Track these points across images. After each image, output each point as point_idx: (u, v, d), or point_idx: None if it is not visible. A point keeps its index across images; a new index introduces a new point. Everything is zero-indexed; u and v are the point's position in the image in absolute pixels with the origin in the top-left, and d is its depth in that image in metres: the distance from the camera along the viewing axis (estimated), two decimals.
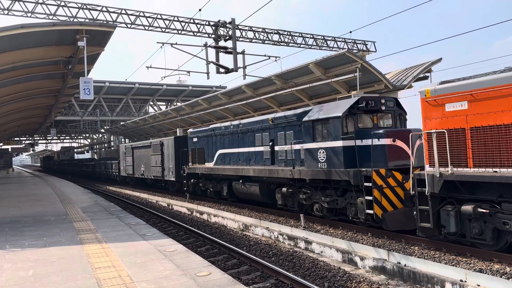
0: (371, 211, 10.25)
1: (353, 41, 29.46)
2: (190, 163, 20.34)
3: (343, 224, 11.87)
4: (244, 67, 16.15)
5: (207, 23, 21.40)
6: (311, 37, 27.25)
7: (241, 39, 23.36)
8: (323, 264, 8.94)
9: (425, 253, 8.76)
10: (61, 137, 77.71)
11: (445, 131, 8.50)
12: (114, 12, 20.48)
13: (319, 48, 27.73)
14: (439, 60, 21.19)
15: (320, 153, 11.84)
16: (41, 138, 73.24)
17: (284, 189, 13.74)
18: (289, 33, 26.05)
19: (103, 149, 68.64)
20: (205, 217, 16.34)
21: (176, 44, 15.27)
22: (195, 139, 20.26)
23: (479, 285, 6.65)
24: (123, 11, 20.69)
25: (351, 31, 26.83)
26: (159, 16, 21.34)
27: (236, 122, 16.94)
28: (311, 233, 10.77)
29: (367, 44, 30.18)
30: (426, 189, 8.68)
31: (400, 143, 10.72)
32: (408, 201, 10.14)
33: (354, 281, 7.79)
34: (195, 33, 21.66)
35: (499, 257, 8.00)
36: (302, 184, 13.00)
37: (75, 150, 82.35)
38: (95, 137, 74.63)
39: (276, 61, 17.46)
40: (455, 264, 7.93)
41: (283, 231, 11.69)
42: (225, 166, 17.23)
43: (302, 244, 10.66)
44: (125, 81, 42.20)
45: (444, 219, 8.54)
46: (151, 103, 53.82)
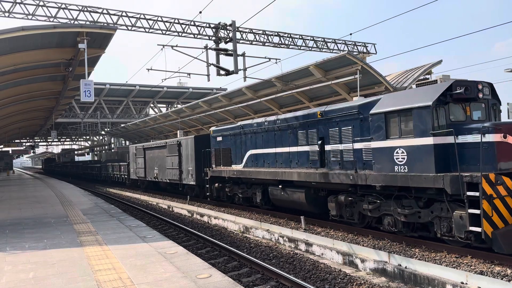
0: (477, 228, 8.01)
1: (354, 43, 29.50)
2: (214, 165, 18.05)
3: (343, 226, 11.84)
4: (245, 69, 16.15)
5: (207, 25, 21.43)
6: (311, 39, 27.27)
7: (241, 41, 23.38)
8: (323, 266, 8.93)
9: (426, 255, 8.74)
10: (61, 139, 77.73)
11: None
12: (114, 15, 20.51)
13: (319, 50, 27.75)
14: (439, 62, 21.23)
15: (397, 153, 9.57)
16: (41, 140, 73.30)
17: (341, 197, 11.35)
18: (289, 35, 26.08)
19: (104, 151, 68.63)
20: (205, 219, 16.33)
21: (177, 46, 15.27)
22: (219, 138, 18.03)
23: (480, 287, 6.63)
24: (124, 14, 20.72)
25: (351, 33, 26.89)
26: (159, 19, 21.37)
27: (271, 118, 14.80)
28: (311, 235, 10.76)
29: (368, 46, 30.22)
30: None
31: (511, 139, 8.54)
32: None
33: (354, 284, 7.78)
34: (195, 36, 21.69)
35: (500, 259, 7.99)
36: (366, 191, 10.67)
37: (76, 152, 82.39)
38: (95, 139, 74.67)
39: (276, 63, 17.43)
40: (456, 266, 7.91)
41: (284, 233, 11.67)
42: (259, 169, 14.99)
43: (302, 246, 10.64)
44: (125, 83, 42.27)
45: None
46: (152, 105, 53.85)
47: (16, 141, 60.07)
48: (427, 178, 8.84)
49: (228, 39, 16.47)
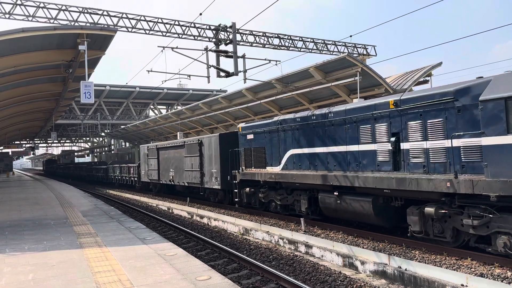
0: None
1: (353, 45, 29.53)
2: (243, 167, 15.98)
3: (343, 228, 11.84)
4: (245, 71, 16.14)
5: (207, 27, 21.45)
6: (311, 41, 27.30)
7: (241, 43, 23.41)
8: (323, 269, 8.91)
9: (426, 258, 8.73)
10: (61, 141, 77.73)
11: None
12: (115, 16, 20.54)
13: (319, 52, 27.78)
14: (439, 64, 21.23)
15: None
16: (41, 141, 73.31)
17: (429, 209, 8.90)
18: (289, 37, 26.11)
19: (104, 153, 68.63)
20: (205, 221, 16.32)
21: (177, 48, 15.28)
22: (250, 136, 15.83)
23: None
24: (124, 15, 20.74)
25: (351, 35, 26.95)
26: (160, 20, 21.39)
27: (321, 111, 12.53)
28: (311, 237, 10.75)
29: (367, 48, 30.25)
30: None
31: None
32: None
33: (354, 286, 7.77)
34: (195, 37, 21.71)
35: (500, 261, 7.97)
36: (467, 202, 8.43)
37: (76, 153, 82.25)
38: (95, 140, 74.67)
39: (276, 65, 17.42)
40: (456, 268, 7.90)
41: (284, 235, 11.66)
42: (306, 172, 12.68)
43: (302, 248, 10.63)
44: (125, 84, 42.29)
45: None
46: (152, 106, 53.89)
47: (16, 142, 60.09)
48: None
49: (228, 41, 16.48)
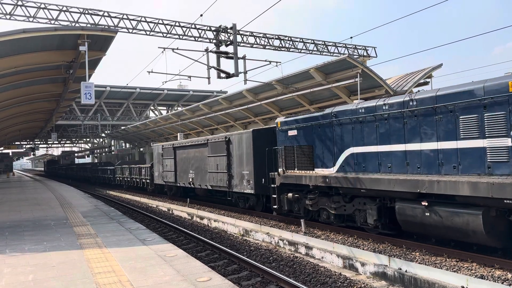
0: None
1: (354, 46, 29.55)
2: (283, 169, 13.65)
3: (344, 230, 11.84)
4: (245, 72, 16.15)
5: (208, 28, 21.47)
6: (311, 43, 27.32)
7: (242, 44, 23.43)
8: (323, 270, 8.91)
9: (426, 259, 8.73)
10: (61, 142, 77.75)
11: None
12: (115, 17, 20.56)
13: (319, 53, 27.80)
14: (440, 65, 21.25)
15: None
16: (41, 142, 73.34)
17: None
18: (290, 39, 26.13)
19: (104, 154, 68.62)
20: (205, 222, 16.31)
21: (178, 49, 15.30)
22: (292, 132, 13.57)
23: None
24: (125, 16, 20.76)
25: (351, 37, 26.97)
26: (160, 21, 21.42)
27: (397, 99, 10.19)
28: (311, 239, 10.75)
29: (368, 50, 30.27)
30: None
31: None
32: None
33: (355, 287, 7.76)
34: (196, 38, 21.73)
35: (500, 263, 7.97)
36: None
37: (76, 154, 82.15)
38: (95, 141, 74.69)
39: (277, 66, 17.44)
40: (457, 270, 7.90)
41: (284, 236, 11.66)
42: (375, 176, 10.27)
43: (302, 250, 10.62)
44: (126, 85, 42.32)
45: None
46: (152, 107, 53.92)
47: (16, 143, 60.12)
48: None
49: (228, 42, 16.51)
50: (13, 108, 26.24)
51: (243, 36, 23.63)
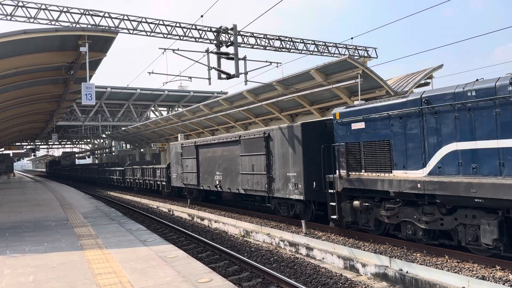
0: None
1: (354, 47, 29.55)
2: (344, 170, 11.27)
3: (344, 231, 11.82)
4: (246, 73, 16.16)
5: (209, 29, 21.47)
6: (312, 43, 27.32)
7: (242, 45, 23.42)
8: (324, 271, 8.90)
9: (427, 260, 8.72)
10: (62, 142, 77.79)
11: None
12: (116, 18, 20.56)
13: (320, 54, 27.80)
14: (440, 66, 21.25)
15: None
16: (42, 143, 73.38)
17: None
18: (290, 39, 26.13)
19: (104, 154, 68.62)
20: (206, 223, 16.30)
21: (178, 50, 15.31)
22: (357, 125, 11.07)
23: None
24: (125, 17, 20.77)
25: (352, 37, 26.97)
26: (161, 22, 21.43)
27: None
28: (312, 240, 10.74)
29: (368, 50, 30.27)
30: None
31: None
32: None
33: None
34: (197, 39, 21.73)
35: (501, 264, 7.96)
36: None
37: (78, 154, 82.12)
38: (96, 142, 74.72)
39: (277, 67, 17.44)
40: (458, 271, 7.89)
41: (284, 237, 11.64)
42: (499, 180, 7.89)
43: (303, 251, 10.61)
44: (126, 86, 42.34)
45: None
46: (153, 108, 53.95)
47: (17, 144, 60.17)
48: None
49: (229, 43, 16.51)
50: (14, 109, 26.26)
51: (243, 37, 23.63)
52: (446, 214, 9.10)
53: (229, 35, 18.17)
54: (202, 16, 18.34)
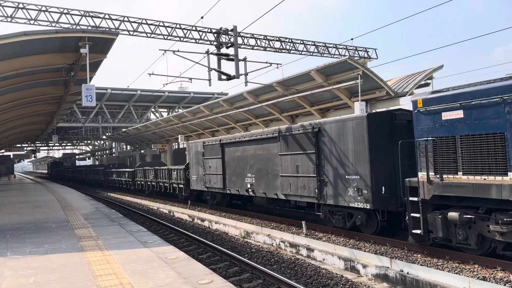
0: None
1: (355, 48, 29.57)
2: (431, 173, 9.00)
3: (345, 232, 11.81)
4: (246, 74, 16.16)
5: (209, 30, 21.50)
6: (312, 44, 27.34)
7: (242, 46, 23.44)
8: (325, 272, 8.89)
9: (428, 261, 8.71)
10: (62, 144, 77.81)
11: None
12: (116, 20, 20.59)
13: (320, 55, 27.82)
14: (441, 67, 21.24)
15: None
16: (42, 144, 73.42)
17: None
18: (290, 40, 26.15)
19: (105, 156, 68.63)
20: (206, 224, 16.30)
21: (178, 51, 15.31)
22: (451, 114, 8.83)
23: None
24: (126, 19, 20.79)
25: (352, 38, 27.01)
26: (161, 24, 21.45)
27: None
28: (313, 241, 10.73)
29: (369, 51, 30.28)
30: None
31: None
32: None
33: None
34: (197, 40, 21.76)
35: (502, 265, 7.94)
36: None
37: (79, 156, 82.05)
38: (96, 143, 74.74)
39: (277, 68, 17.44)
40: (459, 272, 7.88)
41: (285, 238, 11.64)
42: None
43: (304, 252, 10.61)
44: (127, 88, 42.38)
45: None
46: (153, 109, 53.98)
47: (18, 145, 60.21)
48: None
49: (229, 44, 16.51)
50: (15, 110, 26.29)
51: (244, 38, 23.66)
52: None
53: (229, 36, 18.19)
54: (202, 18, 18.36)
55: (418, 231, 9.15)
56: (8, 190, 32.28)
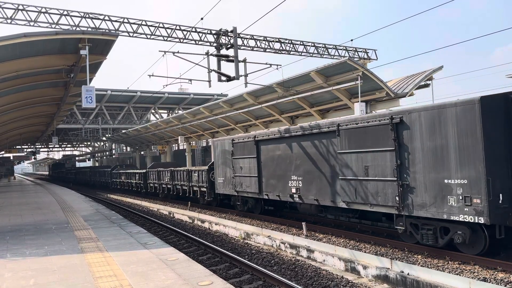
0: None
1: (354, 49, 29.57)
2: None
3: (345, 233, 11.80)
4: (246, 75, 16.16)
5: (209, 31, 21.50)
6: (312, 45, 27.33)
7: (242, 47, 23.44)
8: (325, 273, 8.88)
9: (428, 262, 8.70)
10: (62, 145, 77.80)
11: None
12: (116, 21, 20.59)
13: (320, 56, 27.81)
14: (440, 68, 21.23)
15: None
16: (42, 146, 73.40)
17: None
18: (290, 41, 26.15)
19: (105, 157, 68.60)
20: (206, 225, 16.28)
21: (178, 52, 15.32)
22: None
23: None
24: (126, 20, 20.79)
25: (352, 39, 26.99)
26: (161, 25, 21.45)
27: None
28: (313, 242, 10.72)
29: (368, 52, 30.28)
30: None
31: None
32: None
33: None
34: (197, 42, 21.76)
35: (503, 265, 7.94)
36: None
37: (81, 157, 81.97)
38: (96, 145, 74.74)
39: (277, 69, 17.44)
40: (459, 273, 7.87)
41: (285, 239, 11.63)
42: None
43: (304, 253, 10.60)
44: (127, 89, 42.39)
45: None
46: (153, 111, 53.99)
47: (17, 147, 60.21)
48: None
49: (229, 45, 16.52)
50: (14, 112, 26.29)
51: (243, 39, 23.67)
52: None
53: (229, 37, 18.20)
54: (202, 19, 18.38)
55: None
56: (8, 192, 32.26)
